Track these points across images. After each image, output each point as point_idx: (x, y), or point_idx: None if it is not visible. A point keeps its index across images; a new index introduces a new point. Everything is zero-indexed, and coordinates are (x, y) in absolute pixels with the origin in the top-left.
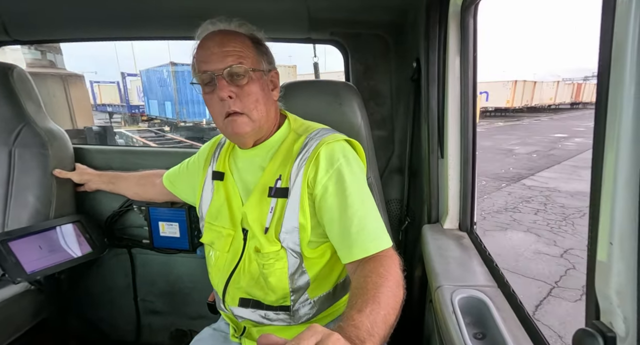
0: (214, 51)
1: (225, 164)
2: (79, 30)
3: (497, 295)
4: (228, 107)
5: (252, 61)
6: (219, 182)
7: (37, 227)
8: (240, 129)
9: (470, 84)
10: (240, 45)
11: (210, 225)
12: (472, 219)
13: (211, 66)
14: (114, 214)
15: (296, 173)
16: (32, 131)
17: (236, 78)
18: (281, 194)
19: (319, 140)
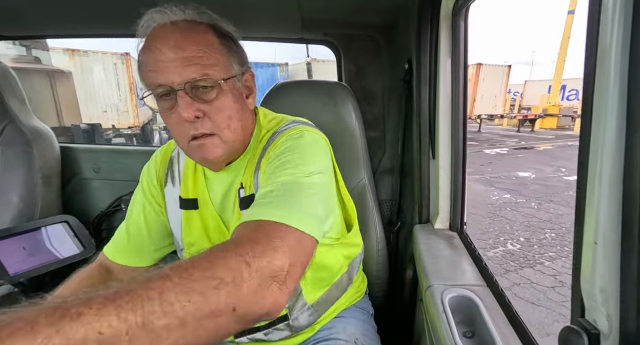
0: (169, 57)
1: (196, 189)
2: (65, 26)
3: (486, 294)
4: (194, 130)
5: (221, 67)
6: (191, 211)
7: (21, 228)
8: (211, 154)
9: (460, 85)
10: (204, 46)
11: None
12: (462, 219)
13: (167, 78)
14: (101, 214)
15: (257, 173)
16: (15, 129)
17: (202, 91)
18: (248, 204)
19: (282, 132)
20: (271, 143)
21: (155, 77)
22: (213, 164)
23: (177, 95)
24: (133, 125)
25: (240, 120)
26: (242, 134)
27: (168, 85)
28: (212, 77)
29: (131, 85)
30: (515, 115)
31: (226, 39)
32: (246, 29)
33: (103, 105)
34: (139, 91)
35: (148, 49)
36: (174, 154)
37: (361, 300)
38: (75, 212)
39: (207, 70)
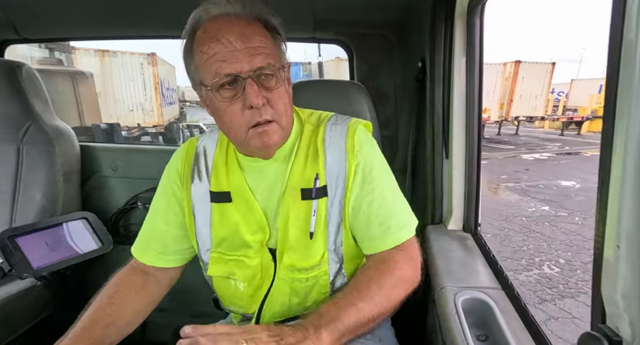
0: (236, 46)
1: (228, 181)
2: (86, 28)
3: (501, 298)
4: (259, 116)
5: (276, 57)
6: (223, 204)
7: (44, 224)
8: (272, 140)
9: (476, 84)
10: (263, 37)
11: (221, 256)
12: (477, 220)
13: (236, 67)
14: (119, 211)
15: (336, 167)
16: (39, 129)
17: (265, 79)
18: (322, 194)
19: (345, 126)
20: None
21: (223, 67)
22: (270, 151)
23: (245, 83)
24: (157, 124)
25: (291, 108)
26: (290, 121)
27: (236, 73)
28: (272, 64)
29: (156, 84)
30: (558, 117)
31: (274, 31)
32: None
33: (130, 104)
34: (165, 91)
35: (214, 39)
36: (200, 150)
37: None
38: (94, 209)
39: (269, 59)
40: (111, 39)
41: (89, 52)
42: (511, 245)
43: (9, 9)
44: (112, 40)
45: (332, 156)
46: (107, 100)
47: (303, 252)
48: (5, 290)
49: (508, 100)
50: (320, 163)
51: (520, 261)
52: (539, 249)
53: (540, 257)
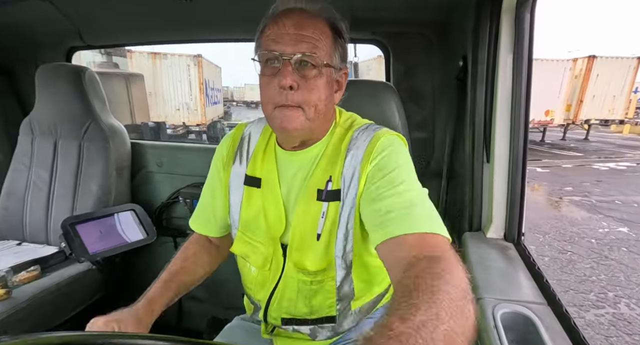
0: (288, 31)
1: (262, 168)
2: (143, 34)
3: (546, 314)
4: (285, 98)
5: (326, 53)
6: (252, 188)
7: (98, 213)
8: (291, 124)
9: (523, 83)
10: (319, 32)
11: (243, 236)
12: (520, 229)
13: (281, 47)
14: (162, 204)
15: (351, 172)
16: (97, 127)
17: (304, 66)
18: (333, 197)
19: (371, 134)
20: (364, 146)
21: (271, 45)
22: (289, 137)
23: (283, 63)
24: (200, 123)
25: (326, 106)
26: (323, 120)
27: (279, 52)
28: (317, 56)
29: (201, 85)
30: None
31: (337, 34)
32: None
33: (176, 103)
34: (209, 91)
35: (275, 23)
36: (245, 134)
37: None
38: (141, 201)
39: (316, 50)
40: (165, 43)
41: (143, 55)
42: (575, 273)
43: (76, 19)
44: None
45: (350, 161)
46: (157, 99)
47: (310, 254)
48: (67, 271)
49: (577, 101)
50: (337, 166)
51: (588, 295)
52: (614, 281)
53: (616, 292)
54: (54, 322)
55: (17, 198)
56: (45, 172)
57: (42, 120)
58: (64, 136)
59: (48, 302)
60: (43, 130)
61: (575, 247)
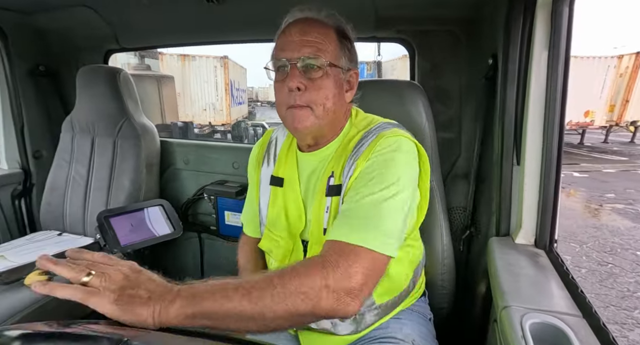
0: (293, 39)
1: (285, 168)
2: (175, 36)
3: (581, 327)
4: (294, 100)
5: (331, 55)
6: (277, 188)
7: (130, 207)
8: (300, 123)
9: (559, 82)
10: (322, 36)
11: (269, 233)
12: (553, 236)
13: (287, 54)
14: (188, 201)
15: (349, 169)
16: (130, 125)
17: (310, 69)
18: (335, 192)
19: (375, 135)
20: (367, 144)
21: (279, 53)
22: (301, 135)
23: (290, 67)
24: (226, 122)
25: (335, 105)
26: (333, 118)
27: (287, 59)
28: (322, 58)
29: (227, 86)
30: None
31: (344, 38)
32: None
33: (203, 104)
34: (234, 91)
35: (283, 33)
36: (272, 138)
37: (418, 303)
38: (168, 197)
39: (320, 53)
40: (195, 45)
41: (173, 57)
42: (617, 288)
43: (114, 23)
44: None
45: (352, 157)
46: (185, 100)
47: (320, 247)
48: None
49: (622, 101)
50: (341, 163)
51: (632, 312)
52: None
53: None
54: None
55: (59, 192)
56: (83, 168)
57: (81, 118)
58: (101, 134)
59: None
60: (82, 128)
61: (618, 259)
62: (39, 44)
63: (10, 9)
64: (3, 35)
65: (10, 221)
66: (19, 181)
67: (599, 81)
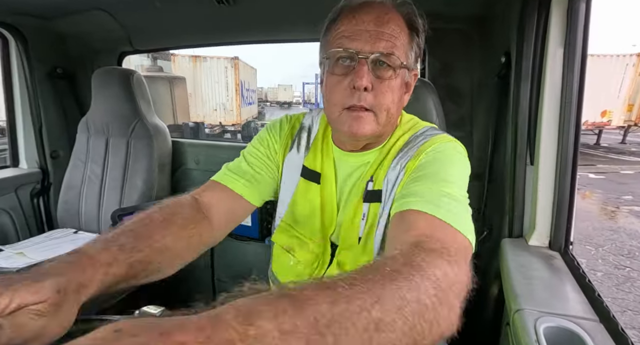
0: (367, 28)
1: (322, 163)
2: (186, 37)
3: (598, 332)
4: (357, 100)
5: (403, 53)
6: (311, 183)
7: (142, 207)
8: (361, 130)
9: (575, 81)
10: (398, 29)
11: (289, 228)
12: (568, 238)
13: (358, 45)
14: None
15: (395, 174)
16: (143, 126)
17: (380, 67)
18: (374, 198)
19: (427, 138)
20: (416, 148)
21: (345, 42)
22: (354, 141)
23: (358, 62)
24: (236, 122)
25: (397, 110)
26: (391, 124)
27: (354, 50)
28: (396, 57)
29: (237, 86)
30: None
31: (415, 32)
32: None
33: (214, 104)
34: (244, 91)
35: (351, 17)
36: (306, 124)
37: None
38: None
39: (395, 50)
40: (207, 46)
41: (184, 58)
42: (635, 292)
43: (127, 26)
44: (208, 47)
45: (397, 162)
46: (196, 100)
47: (353, 256)
48: None
49: None
50: (383, 167)
51: None
52: None
53: None
54: (105, 305)
55: (75, 191)
56: (98, 167)
57: (96, 119)
58: (115, 134)
59: None
60: (97, 129)
61: (636, 263)
62: (56, 47)
63: (30, 15)
64: (23, 40)
65: (29, 219)
66: (37, 180)
67: (616, 80)
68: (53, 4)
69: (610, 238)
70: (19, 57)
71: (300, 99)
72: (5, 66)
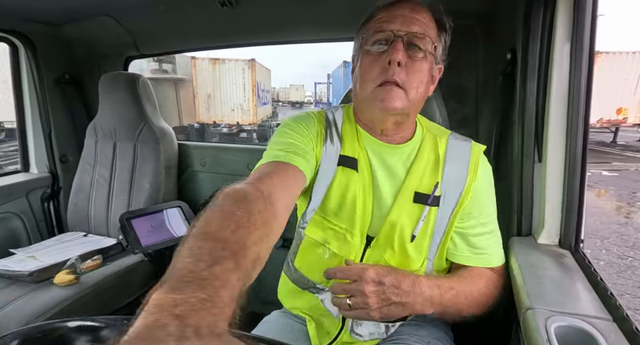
0: (403, 12)
1: (357, 149)
2: (190, 41)
3: (612, 331)
4: (391, 74)
5: (432, 40)
6: (349, 171)
7: (150, 209)
8: (392, 103)
9: (583, 77)
10: (429, 20)
11: (323, 220)
12: (579, 236)
13: (395, 26)
14: (205, 202)
15: (454, 182)
16: (149, 129)
17: (413, 49)
18: (435, 203)
19: (467, 143)
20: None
21: (384, 26)
22: (385, 116)
23: (394, 40)
24: (252, 122)
25: (424, 93)
26: (417, 107)
27: (393, 31)
28: (427, 40)
29: (254, 87)
30: None
31: (442, 28)
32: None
33: (232, 104)
34: (260, 92)
35: (390, 6)
36: (330, 117)
37: None
38: (186, 199)
39: (426, 34)
40: (211, 49)
41: (204, 61)
42: (635, 279)
43: (132, 31)
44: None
45: (452, 169)
46: (215, 101)
47: (401, 254)
48: (125, 262)
49: None
50: (439, 173)
51: None
52: None
53: None
54: (113, 307)
55: (84, 195)
56: (106, 171)
57: (104, 124)
58: (122, 139)
59: (108, 289)
60: (105, 133)
61: (639, 253)
62: (64, 53)
63: (38, 22)
64: (32, 47)
65: (40, 223)
66: (47, 184)
67: (633, 77)
68: (61, 11)
69: (617, 231)
70: (28, 64)
71: (311, 98)
72: (15, 73)
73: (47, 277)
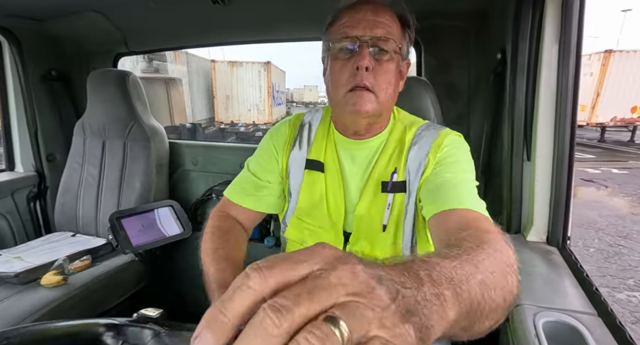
0: (366, 17)
1: (325, 152)
2: (182, 38)
3: (597, 326)
4: (360, 80)
5: (396, 40)
6: (315, 172)
7: (140, 208)
8: (364, 106)
9: (570, 75)
10: (391, 20)
11: (299, 222)
12: (566, 233)
13: (358, 31)
14: (197, 201)
15: (416, 164)
16: (139, 127)
17: (379, 52)
18: (398, 189)
19: (438, 130)
20: (430, 140)
21: (348, 31)
22: (357, 120)
23: (360, 46)
24: (267, 121)
25: (394, 92)
26: (389, 107)
27: (357, 37)
28: (391, 42)
29: (269, 88)
30: None
31: (406, 25)
32: None
33: (248, 105)
34: (275, 93)
35: (352, 10)
36: (306, 121)
37: None
38: (178, 198)
39: (390, 35)
40: (203, 47)
41: (223, 63)
42: (619, 263)
43: (122, 27)
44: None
45: (416, 153)
46: (233, 102)
47: (378, 243)
48: (115, 262)
49: None
50: (402, 159)
51: (626, 281)
52: None
53: None
54: (103, 308)
55: (72, 194)
56: (95, 170)
57: (92, 122)
58: (111, 136)
59: (98, 290)
60: (93, 131)
61: (630, 242)
62: (50, 49)
63: (23, 17)
64: (17, 42)
65: (27, 223)
66: (33, 184)
67: None
68: (46, 6)
69: (613, 223)
70: (12, 60)
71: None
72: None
73: (34, 278)
